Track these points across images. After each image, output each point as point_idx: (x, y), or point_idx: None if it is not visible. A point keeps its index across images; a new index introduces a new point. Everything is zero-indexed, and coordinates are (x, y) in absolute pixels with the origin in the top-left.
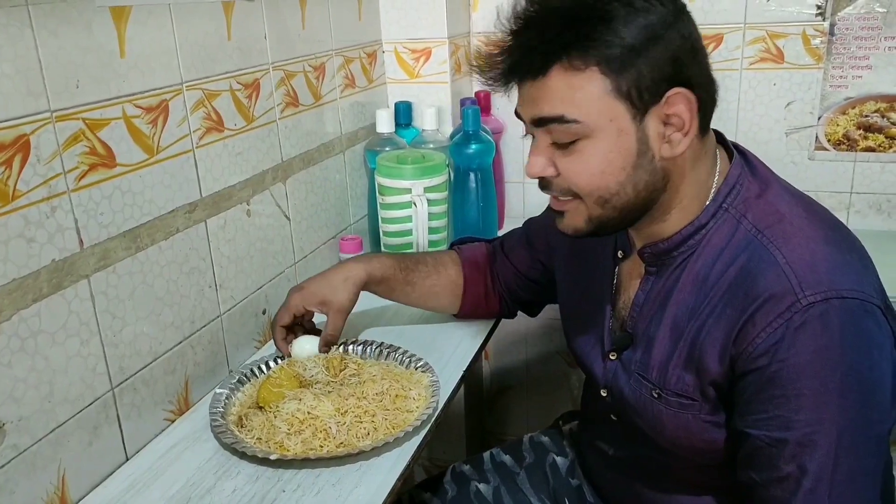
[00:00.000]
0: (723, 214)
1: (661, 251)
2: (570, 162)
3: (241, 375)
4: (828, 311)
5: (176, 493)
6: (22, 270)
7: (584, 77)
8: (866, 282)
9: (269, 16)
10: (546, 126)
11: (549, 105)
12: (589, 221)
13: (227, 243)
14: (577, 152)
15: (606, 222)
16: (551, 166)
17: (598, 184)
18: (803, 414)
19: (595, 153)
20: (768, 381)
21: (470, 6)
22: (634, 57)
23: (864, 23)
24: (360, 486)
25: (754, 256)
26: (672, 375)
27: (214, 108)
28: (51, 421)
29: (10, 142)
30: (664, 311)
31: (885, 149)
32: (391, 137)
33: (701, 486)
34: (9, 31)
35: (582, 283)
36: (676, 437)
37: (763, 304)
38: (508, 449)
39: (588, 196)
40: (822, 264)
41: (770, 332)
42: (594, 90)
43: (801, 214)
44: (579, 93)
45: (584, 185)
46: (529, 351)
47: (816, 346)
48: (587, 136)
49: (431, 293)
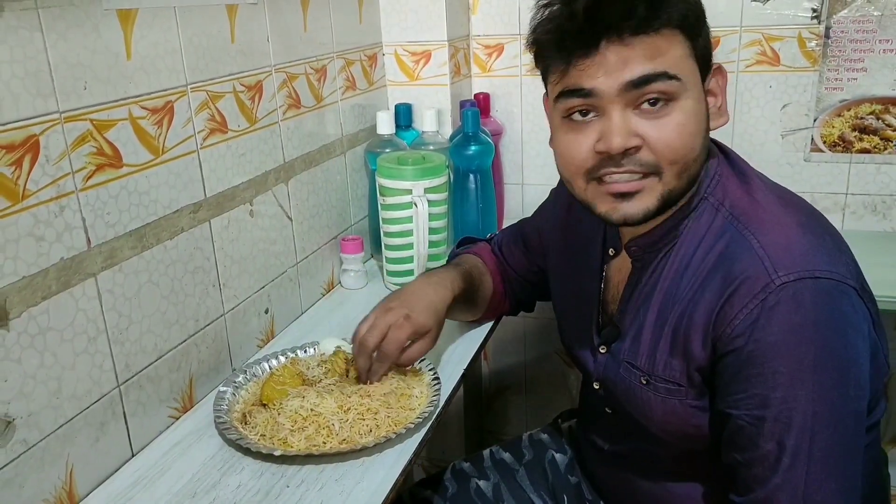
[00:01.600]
0: (703, 204)
1: (646, 244)
2: (662, 126)
3: (245, 373)
4: (801, 290)
5: (181, 488)
6: (31, 268)
7: (673, 38)
8: (840, 263)
9: (271, 19)
10: (642, 88)
11: (648, 64)
12: (661, 198)
13: (230, 243)
14: (667, 115)
15: (675, 198)
16: (637, 136)
17: (691, 145)
18: (779, 391)
19: (688, 114)
20: (746, 361)
21: (469, 9)
22: (701, 25)
23: (859, 26)
24: (363, 481)
25: (731, 242)
26: (660, 362)
27: (218, 109)
28: (59, 417)
29: (20, 142)
30: (650, 301)
31: (881, 150)
32: (391, 139)
33: (693, 475)
34: (19, 34)
35: (573, 282)
36: (665, 423)
37: (739, 286)
38: (508, 446)
39: (673, 164)
40: (795, 247)
41: (746, 314)
42: (679, 51)
43: (775, 202)
44: (671, 52)
45: (678, 147)
46: (528, 351)
47: (790, 325)
48: (679, 98)
49: (478, 305)
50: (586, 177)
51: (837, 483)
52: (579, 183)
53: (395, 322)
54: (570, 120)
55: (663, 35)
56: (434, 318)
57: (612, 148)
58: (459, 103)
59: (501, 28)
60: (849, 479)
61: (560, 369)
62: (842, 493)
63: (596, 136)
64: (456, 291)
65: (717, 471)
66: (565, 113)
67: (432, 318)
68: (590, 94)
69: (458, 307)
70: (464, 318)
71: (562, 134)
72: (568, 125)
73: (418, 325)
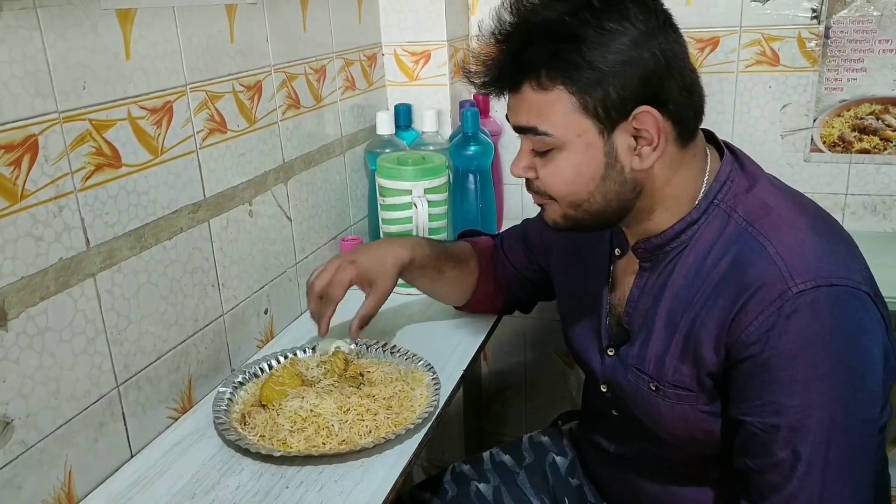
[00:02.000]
0: (714, 209)
1: (653, 246)
2: (546, 169)
3: (244, 374)
4: (817, 298)
5: (181, 489)
6: (30, 269)
7: (553, 95)
8: (854, 269)
9: (270, 19)
10: (524, 134)
11: (524, 116)
12: (564, 219)
13: (229, 243)
14: (552, 161)
15: (580, 223)
16: (532, 170)
17: (570, 190)
18: (795, 399)
19: (566, 164)
20: (761, 368)
21: (469, 9)
22: (601, 78)
23: (858, 26)
24: (363, 482)
25: (745, 248)
26: (669, 367)
27: (217, 109)
28: (58, 417)
29: (19, 142)
30: (659, 305)
31: (880, 151)
32: (391, 139)
33: (701, 479)
34: (18, 34)
35: (579, 282)
36: (675, 428)
37: (755, 293)
38: (508, 449)
39: (561, 200)
40: (810, 253)
41: (762, 321)
42: (562, 107)
43: (789, 206)
44: (548, 108)
45: (556, 191)
46: (528, 352)
47: (807, 333)
48: (559, 148)
49: (451, 283)
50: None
51: (851, 490)
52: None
53: (341, 266)
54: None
55: (540, 93)
56: (381, 268)
57: (512, 174)
58: (459, 103)
59: None
60: (862, 486)
61: (560, 370)
62: (856, 500)
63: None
64: (416, 254)
65: (725, 476)
66: None
67: (379, 267)
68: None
69: (422, 273)
70: (435, 291)
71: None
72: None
73: (362, 269)
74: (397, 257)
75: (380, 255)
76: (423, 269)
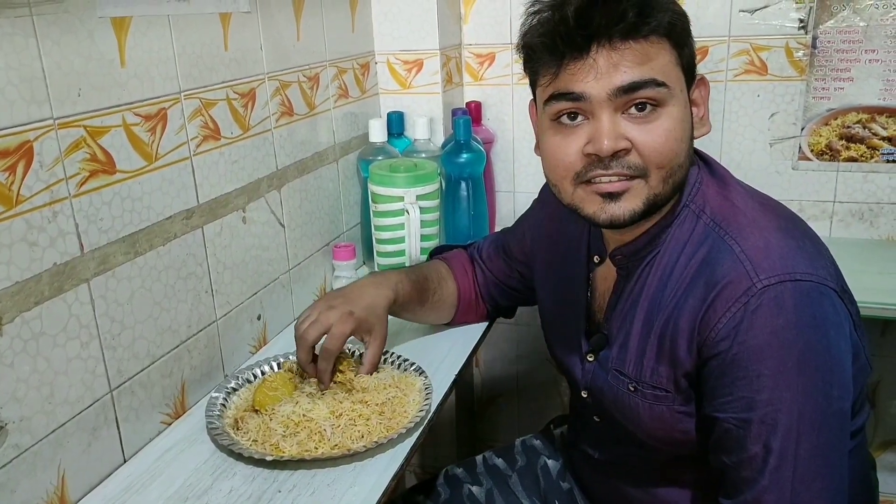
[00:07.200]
0: (684, 211)
1: (630, 252)
2: (649, 131)
3: (237, 379)
4: (782, 293)
5: (173, 493)
6: (24, 273)
7: (661, 45)
8: (819, 265)
9: (264, 27)
10: (631, 94)
11: (639, 70)
12: (647, 201)
13: (223, 249)
14: (654, 121)
15: (660, 203)
16: (625, 139)
17: (677, 151)
18: (764, 394)
19: (674, 120)
20: (730, 365)
21: (461, 19)
22: (687, 36)
23: (845, 36)
24: (355, 486)
25: (713, 248)
26: (647, 368)
27: (211, 116)
28: (51, 422)
29: (14, 148)
30: (636, 309)
31: (867, 159)
32: (384, 147)
33: (680, 480)
34: (14, 41)
35: (559, 291)
36: (653, 429)
37: (721, 290)
38: (501, 452)
39: (660, 169)
40: (775, 251)
41: (729, 317)
42: (668, 59)
43: (755, 207)
44: (659, 59)
45: (665, 151)
46: (520, 357)
47: (773, 327)
48: (666, 104)
49: (434, 308)
50: (574, 180)
51: (824, 483)
52: (567, 186)
53: (341, 318)
54: (559, 123)
55: (651, 42)
56: (375, 316)
57: (602, 150)
58: (451, 111)
59: (493, 37)
60: (835, 479)
61: (552, 375)
62: (828, 492)
63: (585, 140)
64: (399, 292)
65: (704, 476)
66: (554, 116)
67: (373, 315)
68: (580, 97)
69: (406, 308)
70: (420, 319)
71: (550, 137)
72: (556, 128)
73: (361, 320)
74: (385, 300)
75: (371, 302)
76: (407, 304)
